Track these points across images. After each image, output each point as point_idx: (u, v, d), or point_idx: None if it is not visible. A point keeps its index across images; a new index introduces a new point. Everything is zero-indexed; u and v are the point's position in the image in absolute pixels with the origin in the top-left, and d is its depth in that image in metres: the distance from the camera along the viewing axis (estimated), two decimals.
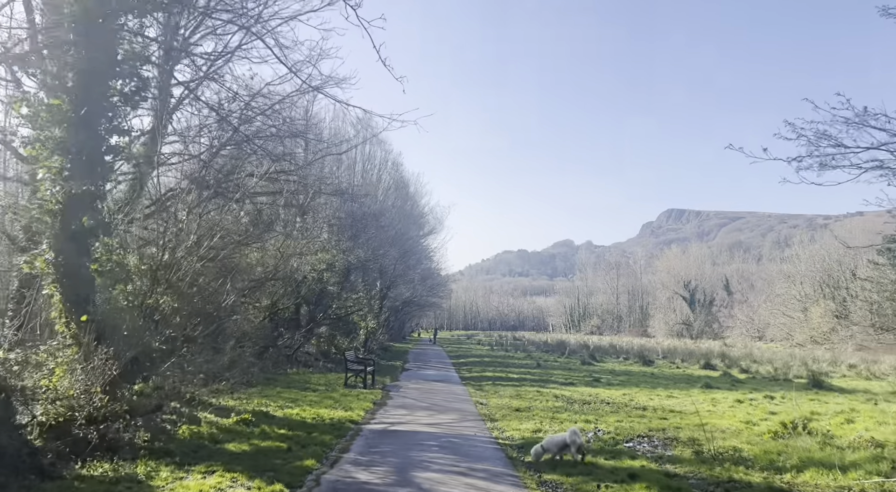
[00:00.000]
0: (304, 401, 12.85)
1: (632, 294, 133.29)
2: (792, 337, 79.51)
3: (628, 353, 33.93)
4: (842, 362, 28.88)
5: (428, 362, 27.71)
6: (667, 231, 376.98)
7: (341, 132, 26.90)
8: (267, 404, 12.01)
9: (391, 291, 30.27)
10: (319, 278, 23.42)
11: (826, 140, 6.93)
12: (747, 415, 12.37)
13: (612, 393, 16.02)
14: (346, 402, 13.11)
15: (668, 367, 27.52)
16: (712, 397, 15.38)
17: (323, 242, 22.21)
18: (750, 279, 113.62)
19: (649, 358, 29.50)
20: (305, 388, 15.25)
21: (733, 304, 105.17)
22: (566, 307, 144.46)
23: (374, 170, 28.36)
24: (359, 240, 25.32)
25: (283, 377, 17.33)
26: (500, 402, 14.21)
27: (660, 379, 20.94)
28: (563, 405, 13.61)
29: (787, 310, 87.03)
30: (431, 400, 14.40)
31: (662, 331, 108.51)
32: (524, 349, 40.72)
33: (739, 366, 25.95)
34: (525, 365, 26.50)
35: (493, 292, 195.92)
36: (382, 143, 28.83)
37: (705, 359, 28.16)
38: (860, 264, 76.12)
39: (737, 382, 20.44)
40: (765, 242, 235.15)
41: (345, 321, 26.67)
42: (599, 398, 14.90)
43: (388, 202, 28.95)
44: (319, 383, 16.60)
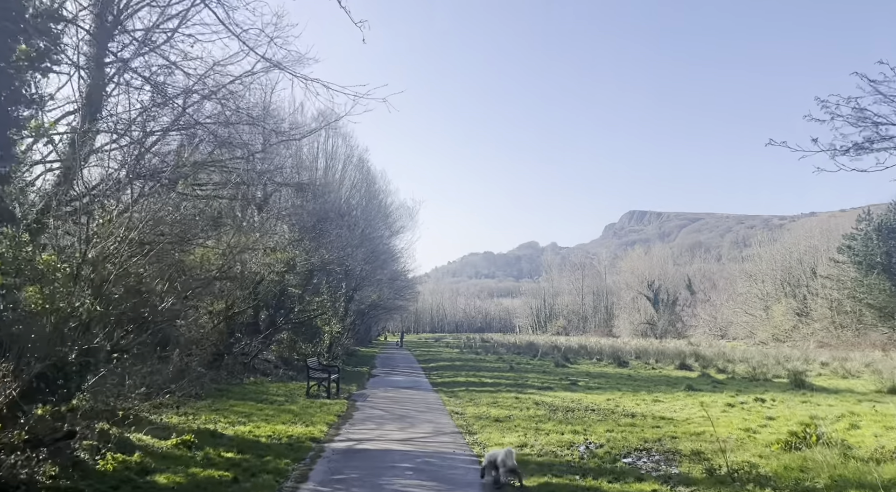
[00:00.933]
0: (259, 415, 11.46)
1: (597, 295, 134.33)
2: (755, 335, 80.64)
3: (600, 354, 33.22)
4: (814, 360, 28.57)
5: (396, 368, 26.41)
6: (629, 232, 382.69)
7: (301, 125, 25.43)
8: (216, 421, 10.60)
9: (357, 293, 28.86)
10: (279, 280, 21.94)
11: (865, 122, 5.96)
12: (744, 421, 11.47)
13: (594, 398, 15.02)
14: (308, 415, 11.77)
15: (643, 368, 26.80)
16: (700, 400, 14.50)
17: (280, 240, 20.73)
18: (712, 279, 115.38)
19: (623, 359, 28.77)
20: (262, 399, 13.83)
21: (696, 303, 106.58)
22: (532, 308, 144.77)
23: (337, 165, 26.95)
24: (322, 240, 23.89)
25: (238, 388, 15.85)
26: (477, 411, 13.05)
27: (639, 381, 20.09)
28: (546, 413, 12.52)
29: (749, 308, 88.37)
30: (402, 410, 13.15)
31: (627, 331, 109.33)
32: (494, 351, 39.70)
33: (715, 366, 25.37)
34: (498, 368, 25.43)
35: (459, 294, 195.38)
36: (346, 137, 27.48)
37: (680, 359, 27.54)
38: (820, 263, 77.75)
39: (717, 383, 19.73)
40: (724, 243, 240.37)
41: (308, 326, 25.19)
42: (583, 404, 13.88)
43: (354, 200, 27.56)
44: (279, 394, 15.19)
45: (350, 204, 26.69)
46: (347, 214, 25.23)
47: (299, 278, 22.86)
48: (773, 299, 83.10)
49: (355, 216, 27.02)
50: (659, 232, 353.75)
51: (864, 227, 62.18)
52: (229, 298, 19.81)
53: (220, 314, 19.15)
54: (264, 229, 21.89)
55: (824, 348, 54.01)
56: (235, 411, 11.78)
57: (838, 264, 66.60)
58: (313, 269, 22.39)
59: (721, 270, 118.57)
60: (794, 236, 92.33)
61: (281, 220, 22.85)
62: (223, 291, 19.85)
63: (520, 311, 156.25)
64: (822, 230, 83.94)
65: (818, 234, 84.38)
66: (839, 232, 78.35)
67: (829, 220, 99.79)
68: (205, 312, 19.87)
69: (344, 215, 24.75)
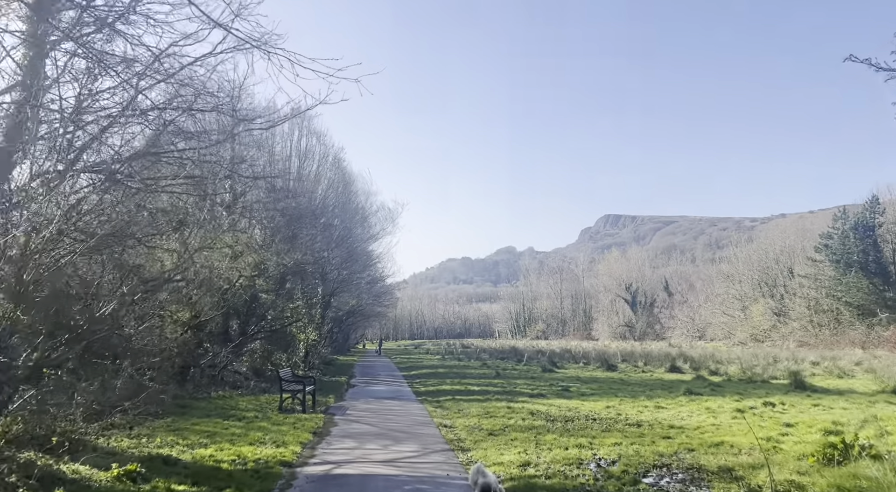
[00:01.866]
0: (224, 434, 10.15)
1: (575, 298, 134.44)
2: (733, 336, 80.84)
3: (586, 357, 32.28)
4: (803, 360, 27.98)
5: (377, 376, 25.11)
6: (604, 236, 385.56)
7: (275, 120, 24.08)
8: (174, 443, 9.28)
9: (334, 299, 27.50)
10: (250, 285, 20.56)
11: None
12: (761, 429, 10.48)
13: (593, 406, 13.95)
14: (279, 433, 10.49)
15: (632, 371, 25.89)
16: (705, 406, 13.54)
17: (251, 241, 19.36)
18: (689, 280, 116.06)
19: (611, 362, 27.83)
20: (230, 415, 12.49)
21: (674, 305, 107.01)
22: (511, 313, 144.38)
23: (312, 165, 25.62)
24: (296, 241, 22.55)
25: (204, 403, 14.46)
26: (467, 422, 11.89)
27: (634, 386, 19.11)
28: (544, 424, 11.40)
29: (727, 309, 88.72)
30: (385, 424, 11.92)
31: (606, 333, 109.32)
32: (477, 357, 38.58)
33: (707, 368, 24.56)
34: (484, 375, 24.28)
35: (438, 300, 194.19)
36: (321, 136, 26.18)
37: (669, 362, 26.69)
38: (797, 262, 78.25)
39: (715, 386, 18.84)
40: (697, 245, 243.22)
41: (282, 334, 23.77)
42: (581, 413, 12.79)
43: (330, 200, 26.24)
44: (249, 409, 13.84)
45: (326, 204, 25.38)
46: (323, 215, 23.92)
47: (271, 283, 21.48)
48: (751, 300, 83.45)
49: (332, 216, 25.70)
50: (634, 235, 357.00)
51: (841, 225, 62.59)
52: (196, 306, 18.40)
53: (186, 323, 17.72)
54: (233, 230, 20.52)
55: (805, 348, 53.99)
56: (198, 431, 10.45)
57: (815, 263, 67.00)
58: (286, 272, 21.03)
59: (697, 272, 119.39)
60: (770, 237, 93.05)
61: (251, 220, 21.50)
62: (189, 297, 18.47)
63: (499, 315, 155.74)
64: (798, 230, 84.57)
65: (793, 234, 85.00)
66: (814, 232, 79.09)
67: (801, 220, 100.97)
68: (170, 320, 18.46)
69: (319, 216, 23.43)
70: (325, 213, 24.96)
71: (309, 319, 23.89)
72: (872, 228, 59.84)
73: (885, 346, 50.71)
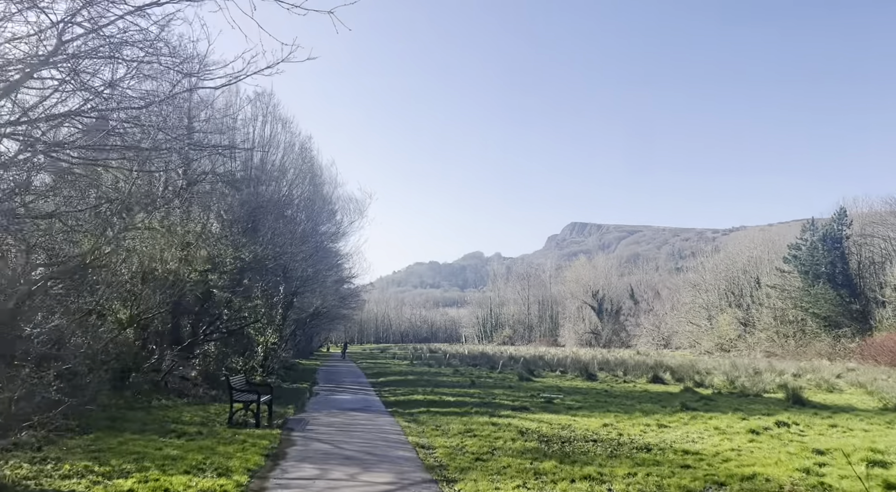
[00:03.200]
0: (156, 457, 8.29)
1: (542, 304, 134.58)
2: (699, 344, 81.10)
3: (563, 366, 30.90)
4: (784, 372, 27.10)
5: (342, 383, 23.24)
6: (570, 243, 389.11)
7: (234, 106, 22.15)
8: (86, 472, 7.40)
9: (298, 299, 25.55)
10: (202, 280, 18.55)
11: None
12: (790, 457, 9.09)
13: (587, 423, 12.43)
14: (225, 455, 8.67)
15: (613, 381, 24.56)
16: (712, 425, 12.16)
17: (202, 231, 17.41)
18: (654, 288, 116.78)
19: (591, 372, 26.48)
20: (169, 430, 10.59)
21: (639, 313, 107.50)
22: (479, 318, 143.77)
23: (277, 154, 23.67)
24: (257, 234, 20.61)
25: (142, 414, 12.47)
26: (448, 442, 10.23)
27: (621, 399, 17.70)
28: (538, 446, 9.82)
29: (693, 318, 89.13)
30: (352, 444, 10.17)
31: (572, 340, 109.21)
32: (448, 363, 36.90)
33: (692, 379, 23.37)
34: (458, 383, 22.64)
35: (405, 304, 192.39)
36: (286, 122, 24.24)
37: (652, 372, 25.45)
38: (764, 273, 78.81)
39: (707, 400, 17.56)
40: (661, 254, 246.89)
41: (238, 336, 21.76)
42: (577, 432, 11.26)
43: (297, 191, 24.31)
44: (193, 421, 11.94)
45: (292, 196, 23.48)
46: (289, 207, 22.02)
47: (227, 279, 19.49)
48: (717, 309, 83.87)
49: (298, 209, 23.79)
50: (599, 243, 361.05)
51: (809, 236, 62.95)
52: (137, 302, 16.35)
53: (125, 322, 15.64)
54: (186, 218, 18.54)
55: (773, 358, 53.89)
56: (124, 452, 8.56)
57: (783, 274, 67.38)
58: (244, 267, 19.08)
59: (663, 281, 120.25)
60: (738, 247, 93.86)
61: (207, 211, 19.50)
62: (130, 292, 16.41)
63: (466, 320, 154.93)
64: (764, 241, 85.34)
65: (761, 244, 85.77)
66: (780, 243, 79.87)
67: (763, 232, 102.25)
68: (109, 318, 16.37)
69: (284, 208, 21.53)
70: (290, 205, 23.07)
71: (269, 319, 21.91)
72: (840, 240, 60.30)
73: (852, 357, 50.87)
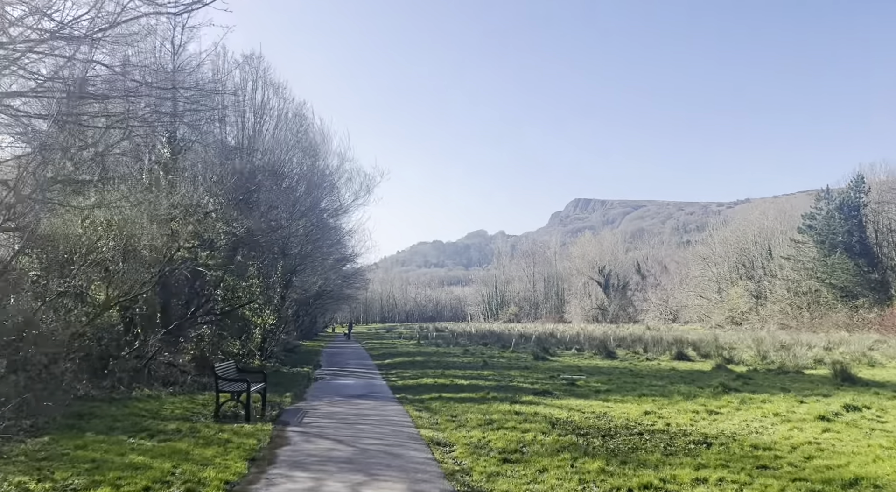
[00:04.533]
0: (114, 466, 6.78)
1: (548, 281, 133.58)
2: (709, 318, 79.79)
3: (579, 343, 29.42)
4: (813, 345, 25.55)
5: (346, 366, 21.81)
6: (574, 220, 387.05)
7: (221, 70, 20.37)
8: (19, 490, 5.89)
9: (297, 277, 24.00)
10: (191, 258, 16.98)
11: None
12: (885, 451, 7.54)
13: (625, 410, 10.89)
14: (201, 460, 7.17)
15: (635, 359, 23.07)
16: (770, 410, 10.62)
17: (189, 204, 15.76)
18: (662, 263, 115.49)
19: (610, 350, 24.97)
20: (144, 428, 9.09)
21: (646, 287, 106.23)
22: (484, 296, 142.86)
23: (269, 122, 21.93)
24: (251, 207, 18.97)
25: (117, 407, 10.98)
26: (467, 437, 8.73)
27: (651, 379, 16.18)
28: (575, 441, 8.28)
29: (702, 291, 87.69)
30: (356, 441, 8.65)
31: (579, 316, 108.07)
32: (456, 342, 35.50)
33: (720, 355, 21.84)
34: (470, 364, 21.18)
35: (410, 283, 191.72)
36: (279, 88, 22.43)
37: (677, 348, 23.92)
38: (776, 244, 77.06)
39: (745, 378, 16.01)
40: (665, 229, 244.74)
41: (234, 318, 20.24)
42: (614, 421, 9.74)
43: (294, 162, 22.63)
44: (174, 416, 10.46)
45: (288, 166, 21.79)
46: (286, 178, 20.36)
47: (219, 256, 17.91)
48: (728, 282, 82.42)
49: (294, 179, 22.10)
50: (603, 219, 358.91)
51: (825, 205, 61.03)
52: (117, 282, 14.79)
53: (103, 304, 14.10)
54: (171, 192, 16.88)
55: (786, 330, 52.42)
56: (79, 459, 7.06)
57: (797, 245, 65.58)
58: (237, 243, 17.49)
59: (671, 255, 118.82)
60: (748, 218, 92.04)
61: (194, 182, 17.84)
62: (116, 272, 14.86)
63: (471, 299, 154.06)
64: (777, 211, 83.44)
65: (773, 215, 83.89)
66: (793, 214, 78.06)
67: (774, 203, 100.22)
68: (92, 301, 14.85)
69: (279, 177, 19.86)
70: (287, 176, 21.41)
71: (266, 300, 20.39)
72: (857, 208, 58.39)
73: (871, 328, 49.43)
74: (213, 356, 19.15)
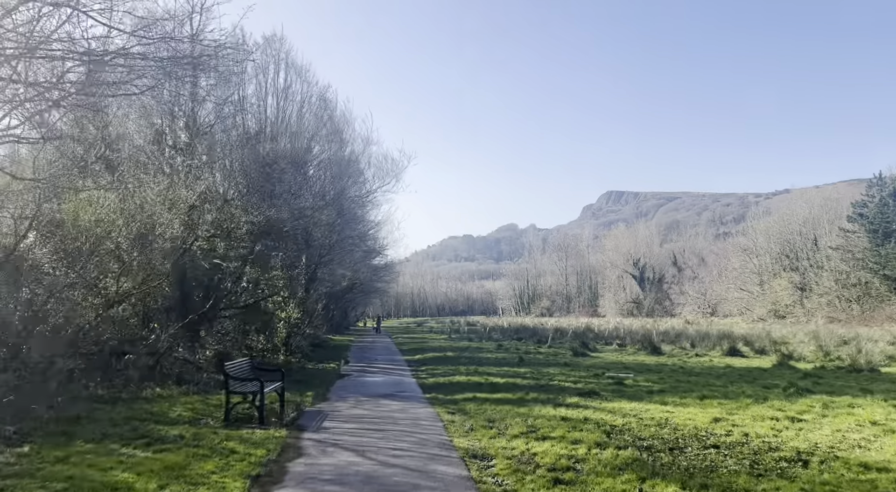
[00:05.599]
0: (92, 485, 5.72)
1: (580, 274, 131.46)
2: (750, 311, 76.90)
3: (619, 338, 27.84)
4: (877, 340, 23.50)
5: (374, 361, 20.74)
6: (606, 213, 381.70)
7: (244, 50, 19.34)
8: None
9: (322, 270, 22.99)
10: (210, 248, 16.06)
11: None
12: None
13: (689, 416, 9.48)
14: (193, 480, 6.06)
15: (684, 355, 21.45)
16: (864, 417, 9.11)
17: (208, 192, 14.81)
18: (699, 255, 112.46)
19: (655, 344, 23.37)
20: (143, 434, 8.07)
21: (683, 280, 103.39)
22: (515, 290, 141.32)
23: (292, 107, 20.89)
24: (273, 197, 17.98)
25: (120, 408, 10.02)
26: (507, 448, 7.48)
27: (707, 377, 14.66)
28: (638, 457, 6.95)
29: (743, 284, 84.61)
30: (378, 454, 7.47)
31: (613, 310, 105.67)
32: (488, 337, 34.21)
33: (777, 351, 20.09)
34: (504, 361, 19.89)
35: (440, 278, 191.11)
36: (302, 71, 21.37)
37: (727, 343, 22.20)
38: (823, 234, 73.66)
39: (816, 378, 14.36)
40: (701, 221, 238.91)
41: (256, 311, 19.31)
42: (682, 432, 8.35)
43: (317, 148, 21.58)
44: (182, 418, 9.44)
45: (312, 152, 20.76)
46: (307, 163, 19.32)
47: (240, 247, 16.95)
48: (770, 274, 79.29)
49: (318, 166, 21.07)
50: (636, 212, 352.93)
51: (877, 192, 57.77)
52: (129, 273, 13.92)
53: (113, 298, 13.22)
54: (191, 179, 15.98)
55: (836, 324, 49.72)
56: (53, 477, 6.02)
57: (846, 234, 62.33)
58: (258, 232, 16.49)
59: (708, 247, 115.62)
60: (792, 208, 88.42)
61: (212, 168, 16.92)
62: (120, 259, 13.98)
63: (502, 293, 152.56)
64: (823, 200, 79.81)
65: (819, 204, 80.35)
66: (840, 202, 74.58)
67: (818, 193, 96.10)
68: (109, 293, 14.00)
69: (302, 164, 18.82)
70: (310, 163, 20.38)
71: (290, 293, 19.41)
72: None
73: None
74: (237, 352, 18.28)
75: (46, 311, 11.93)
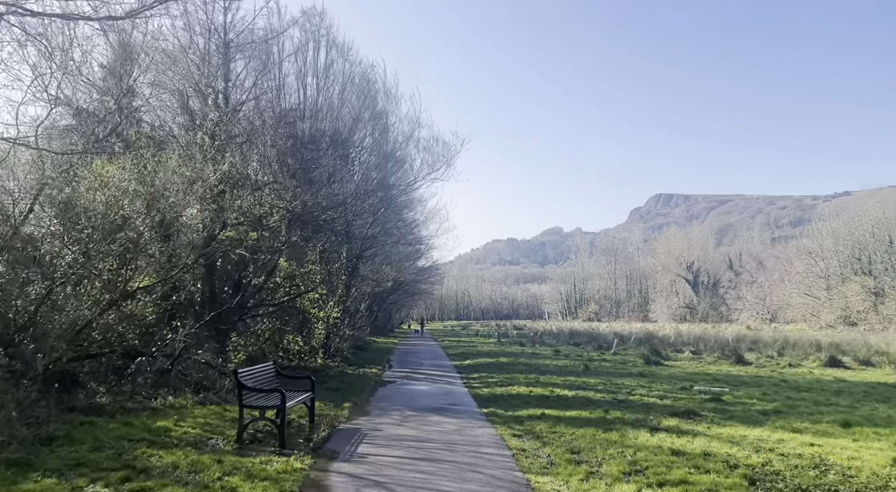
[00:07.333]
0: None
1: (630, 279, 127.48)
2: (817, 318, 72.10)
3: (693, 345, 25.01)
4: None
5: (419, 367, 18.73)
6: (655, 216, 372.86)
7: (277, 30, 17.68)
8: None
9: (363, 264, 21.13)
10: (239, 238, 14.32)
11: None
12: None
13: (846, 449, 7.08)
14: None
15: (775, 365, 18.67)
16: None
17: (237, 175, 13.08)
18: (758, 258, 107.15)
19: (739, 353, 20.60)
20: (126, 463, 6.21)
21: (740, 285, 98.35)
22: (562, 294, 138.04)
23: (333, 87, 19.11)
24: (311, 182, 16.20)
25: (115, 423, 8.24)
26: None
27: (821, 394, 12.04)
28: None
29: (808, 289, 79.54)
30: None
31: (665, 315, 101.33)
32: (541, 342, 31.80)
33: (891, 362, 17.15)
34: (566, 369, 17.58)
35: (484, 281, 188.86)
36: (343, 49, 19.56)
37: (827, 352, 19.29)
38: None
39: None
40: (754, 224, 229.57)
41: (292, 310, 17.52)
42: (852, 478, 6.00)
43: (360, 133, 19.76)
44: (187, 436, 7.60)
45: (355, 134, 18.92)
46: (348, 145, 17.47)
47: (273, 237, 15.19)
48: (839, 278, 74.16)
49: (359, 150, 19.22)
50: (686, 215, 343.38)
51: None
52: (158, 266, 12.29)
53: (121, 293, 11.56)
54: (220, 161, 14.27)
55: None
56: None
57: None
58: (293, 220, 14.69)
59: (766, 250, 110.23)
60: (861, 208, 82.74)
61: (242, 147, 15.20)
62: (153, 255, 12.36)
63: (548, 297, 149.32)
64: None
65: (892, 205, 74.87)
66: None
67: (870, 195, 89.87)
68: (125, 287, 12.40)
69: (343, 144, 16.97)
70: (351, 145, 18.56)
71: (329, 289, 17.58)
72: None
73: None
74: (273, 354, 16.55)
75: (53, 303, 10.33)
